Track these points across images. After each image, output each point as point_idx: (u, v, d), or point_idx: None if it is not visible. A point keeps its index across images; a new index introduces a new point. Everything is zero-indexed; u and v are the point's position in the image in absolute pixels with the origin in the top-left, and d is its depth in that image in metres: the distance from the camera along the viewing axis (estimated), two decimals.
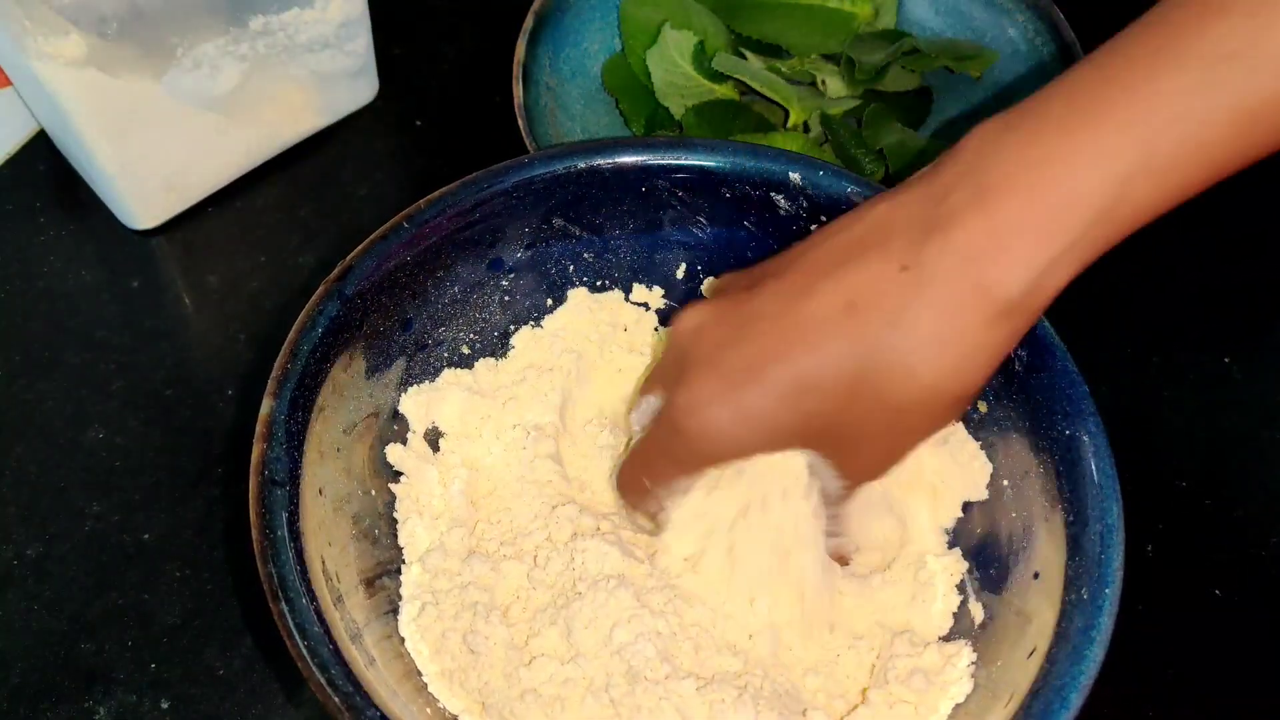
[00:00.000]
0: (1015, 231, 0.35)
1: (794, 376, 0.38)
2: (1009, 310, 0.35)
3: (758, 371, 0.39)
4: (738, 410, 0.39)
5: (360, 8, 0.60)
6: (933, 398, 0.37)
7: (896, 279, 0.36)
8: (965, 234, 0.35)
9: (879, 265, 0.37)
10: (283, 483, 0.40)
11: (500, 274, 0.50)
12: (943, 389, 0.37)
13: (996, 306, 0.35)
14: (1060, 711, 0.37)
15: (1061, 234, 0.34)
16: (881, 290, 0.37)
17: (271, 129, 0.62)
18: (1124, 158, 0.34)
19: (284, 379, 0.42)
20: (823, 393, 0.38)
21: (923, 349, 0.36)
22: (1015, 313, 0.36)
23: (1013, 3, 0.64)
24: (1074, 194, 0.34)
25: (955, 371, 0.36)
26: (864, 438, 0.40)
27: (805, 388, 0.38)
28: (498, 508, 0.48)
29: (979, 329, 0.36)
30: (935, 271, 0.36)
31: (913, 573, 0.47)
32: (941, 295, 0.36)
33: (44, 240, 0.61)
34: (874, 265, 0.37)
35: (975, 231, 0.35)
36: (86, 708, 0.49)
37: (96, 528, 0.53)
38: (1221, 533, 0.55)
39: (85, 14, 0.50)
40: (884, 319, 0.36)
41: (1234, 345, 0.61)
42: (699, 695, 0.42)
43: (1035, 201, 0.34)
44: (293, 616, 0.38)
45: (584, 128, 0.62)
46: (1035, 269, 0.35)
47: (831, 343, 0.37)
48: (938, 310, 0.36)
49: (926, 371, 0.36)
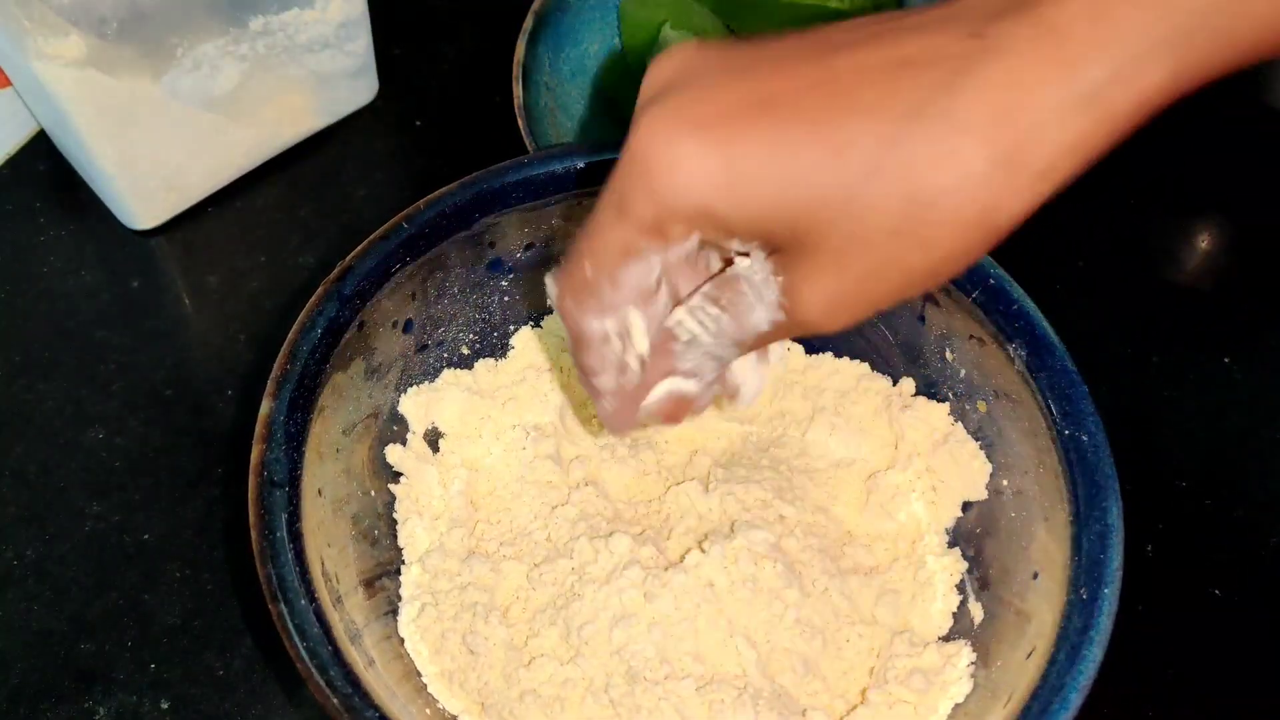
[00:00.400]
0: (1110, 6, 0.29)
1: (810, 122, 0.30)
2: (1089, 98, 0.29)
3: (760, 108, 0.31)
4: (719, 148, 0.31)
5: (360, 8, 0.60)
6: (969, 194, 0.30)
7: (962, 42, 0.30)
8: (1053, 6, 0.29)
9: (941, 33, 0.30)
10: (282, 484, 0.40)
11: (500, 274, 0.50)
12: (985, 183, 0.30)
13: (1076, 87, 0.29)
14: (1059, 711, 0.37)
15: (1161, 19, 0.29)
16: (942, 51, 0.30)
17: (271, 129, 0.62)
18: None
19: (283, 380, 0.42)
20: (841, 155, 0.30)
21: (977, 119, 0.29)
22: (1094, 104, 0.29)
23: None
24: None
25: (1007, 161, 0.29)
26: (857, 241, 0.31)
27: (821, 141, 0.30)
28: (497, 508, 0.48)
29: (1049, 110, 0.29)
30: (1012, 40, 0.29)
31: (912, 573, 0.47)
32: (1013, 62, 0.29)
33: (44, 240, 0.61)
34: (935, 33, 0.30)
35: (1065, 4, 0.29)
36: (86, 708, 0.49)
37: (96, 528, 0.53)
38: (1221, 533, 0.55)
39: (85, 14, 0.50)
40: (939, 79, 0.30)
41: (1234, 345, 0.61)
42: (698, 695, 0.42)
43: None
44: (292, 618, 0.38)
45: (584, 128, 0.62)
46: (1126, 52, 0.29)
47: (868, 94, 0.30)
48: (1004, 77, 0.29)
49: (974, 150, 0.29)
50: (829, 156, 0.30)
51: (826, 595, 0.45)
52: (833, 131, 0.30)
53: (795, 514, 0.47)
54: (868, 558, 0.47)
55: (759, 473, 0.48)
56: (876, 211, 0.30)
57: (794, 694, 0.43)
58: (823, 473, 0.49)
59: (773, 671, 0.43)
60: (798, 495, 0.48)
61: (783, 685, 0.43)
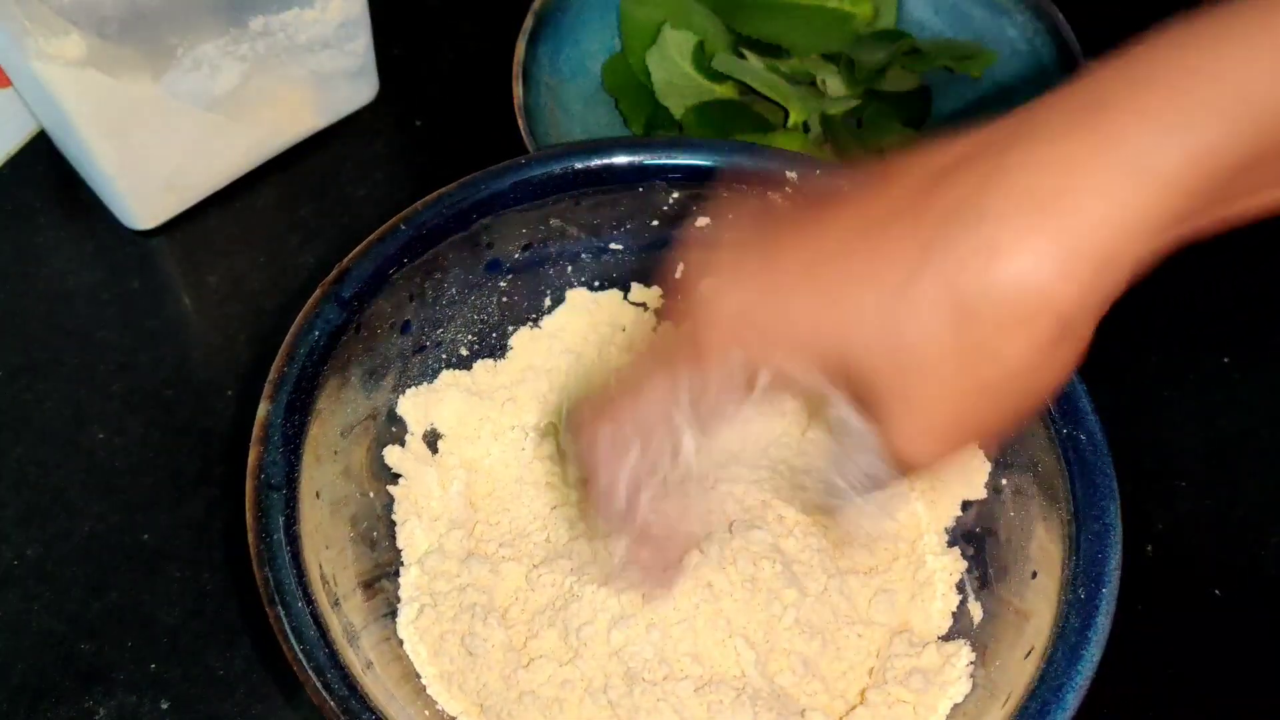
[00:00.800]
0: (1154, 78, 0.26)
1: (848, 267, 0.29)
2: (1137, 170, 0.26)
3: (804, 268, 0.30)
4: (771, 302, 0.30)
5: (360, 8, 0.60)
6: (1016, 291, 0.26)
7: (1002, 139, 0.28)
8: (1094, 85, 0.27)
9: (981, 139, 0.28)
10: (279, 486, 0.40)
11: (498, 275, 0.49)
12: (1030, 277, 0.26)
13: (1122, 161, 0.26)
14: (1058, 711, 0.37)
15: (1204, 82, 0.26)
16: (979, 150, 0.28)
17: (271, 129, 0.62)
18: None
19: (280, 382, 0.42)
20: (880, 285, 0.28)
21: (1011, 208, 0.26)
22: (1144, 176, 0.26)
23: (1012, 3, 0.64)
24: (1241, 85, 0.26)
25: (1052, 247, 0.26)
26: (920, 374, 0.29)
27: (863, 278, 0.29)
28: (496, 509, 0.48)
29: (1093, 187, 0.26)
30: (1046, 125, 0.27)
31: (912, 572, 0.47)
32: (1051, 144, 0.26)
33: (44, 240, 0.61)
34: (976, 140, 0.28)
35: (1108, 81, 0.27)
36: (86, 708, 0.49)
37: (96, 528, 0.53)
38: (1221, 533, 0.55)
39: (85, 14, 0.50)
40: (974, 180, 0.27)
41: (1234, 345, 0.61)
42: (697, 696, 0.42)
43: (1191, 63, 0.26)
44: (289, 620, 0.38)
45: (584, 128, 0.62)
46: (1175, 119, 0.26)
47: (906, 220, 0.28)
48: (1041, 159, 0.26)
49: (1010, 244, 0.26)
50: (866, 291, 0.29)
51: (825, 595, 0.45)
52: (868, 268, 0.29)
53: (795, 514, 0.47)
54: (867, 558, 0.47)
55: (759, 473, 0.48)
56: (925, 332, 0.28)
57: (793, 694, 0.43)
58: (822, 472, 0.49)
59: (772, 672, 0.43)
60: (797, 495, 0.48)
61: (782, 686, 0.43)
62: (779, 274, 0.31)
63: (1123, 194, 0.26)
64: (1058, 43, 0.62)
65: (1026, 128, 0.27)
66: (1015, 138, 0.27)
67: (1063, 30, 0.62)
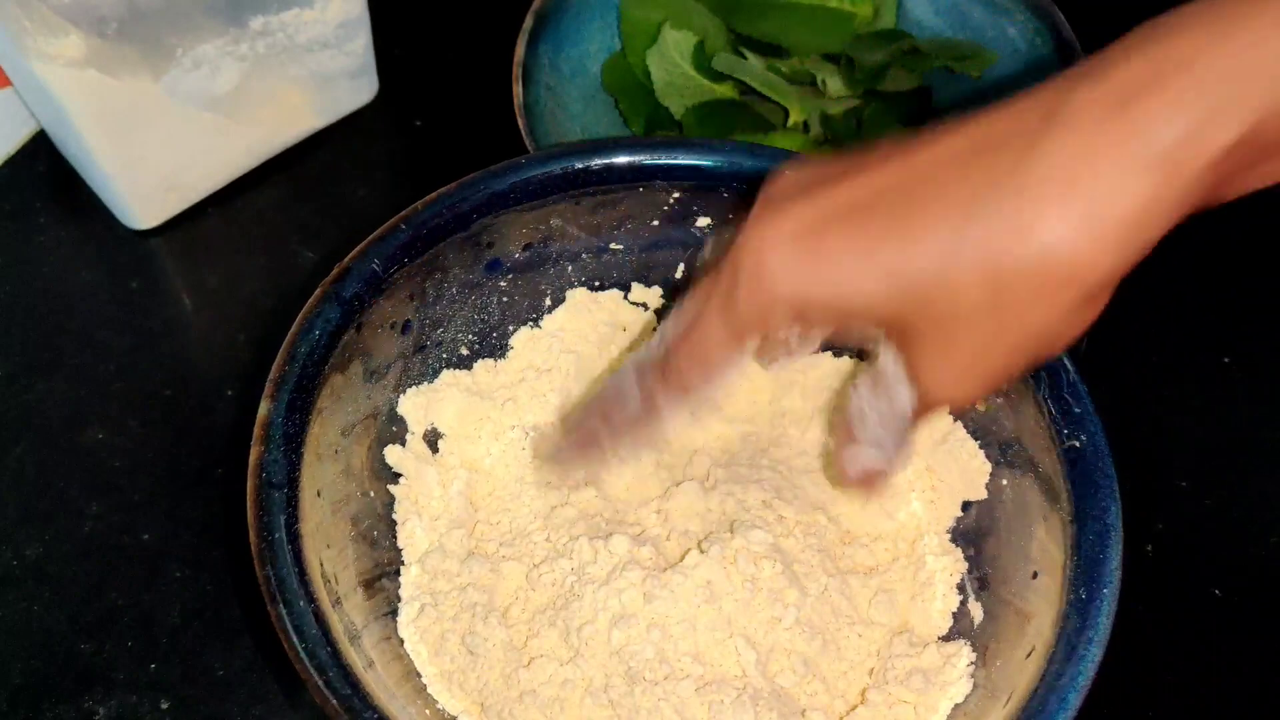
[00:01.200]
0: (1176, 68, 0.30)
1: (887, 218, 0.33)
2: (1158, 159, 0.30)
3: (849, 211, 0.34)
4: (816, 248, 0.34)
5: (360, 8, 0.60)
6: (1049, 262, 0.31)
7: (1035, 122, 0.32)
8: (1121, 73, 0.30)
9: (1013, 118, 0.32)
10: (280, 485, 0.40)
11: (498, 275, 0.50)
12: (1061, 250, 0.31)
13: (1144, 151, 0.30)
14: (1059, 712, 0.37)
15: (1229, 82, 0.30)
16: (1013, 132, 0.32)
17: (271, 129, 0.62)
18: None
19: (281, 382, 0.42)
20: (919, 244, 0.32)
21: (1045, 189, 0.31)
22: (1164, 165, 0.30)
23: (1012, 2, 0.64)
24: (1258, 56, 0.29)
25: (1081, 226, 0.30)
26: (955, 321, 0.33)
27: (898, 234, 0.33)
28: (497, 509, 0.48)
29: (1118, 174, 0.30)
30: (1077, 112, 0.31)
31: (912, 572, 0.47)
32: (1081, 134, 0.31)
33: (44, 240, 0.61)
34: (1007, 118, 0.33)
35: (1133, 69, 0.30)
36: (86, 708, 0.49)
37: (96, 528, 0.53)
38: (1221, 533, 0.55)
39: (85, 14, 0.50)
40: (1010, 158, 0.31)
41: (1234, 345, 0.61)
42: (698, 696, 0.42)
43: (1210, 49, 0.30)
44: (290, 619, 0.38)
45: (584, 128, 0.62)
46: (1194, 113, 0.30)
47: (945, 186, 0.32)
48: (1072, 147, 0.30)
49: (1045, 221, 0.31)
50: (907, 246, 0.33)
51: (826, 595, 0.45)
52: (908, 225, 0.33)
53: (795, 514, 0.47)
54: (867, 558, 0.47)
55: (759, 473, 0.48)
56: (964, 291, 0.32)
57: (794, 694, 0.43)
58: (822, 473, 0.49)
59: (772, 672, 0.43)
60: (797, 495, 0.48)
61: (782, 686, 0.43)
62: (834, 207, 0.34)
63: (1147, 182, 0.30)
64: (1057, 42, 0.62)
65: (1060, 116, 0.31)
66: (1049, 124, 0.31)
67: (1063, 30, 0.62)
